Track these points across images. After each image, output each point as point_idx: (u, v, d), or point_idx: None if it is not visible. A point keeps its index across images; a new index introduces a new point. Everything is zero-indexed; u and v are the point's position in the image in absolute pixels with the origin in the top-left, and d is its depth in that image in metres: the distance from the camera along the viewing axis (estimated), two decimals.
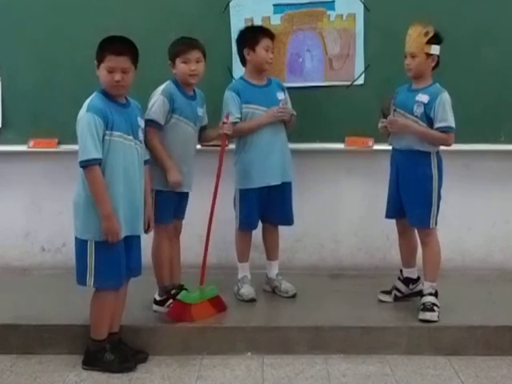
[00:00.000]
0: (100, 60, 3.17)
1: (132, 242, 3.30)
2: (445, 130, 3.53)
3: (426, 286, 3.66)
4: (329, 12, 4.12)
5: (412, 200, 3.62)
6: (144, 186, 3.36)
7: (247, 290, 3.87)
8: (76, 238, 3.21)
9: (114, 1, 4.17)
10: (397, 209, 3.71)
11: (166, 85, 3.59)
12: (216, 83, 3.92)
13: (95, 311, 3.28)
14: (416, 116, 3.58)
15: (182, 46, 3.56)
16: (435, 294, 3.63)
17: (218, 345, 3.47)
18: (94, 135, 3.11)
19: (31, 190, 4.12)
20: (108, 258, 3.18)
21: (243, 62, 3.88)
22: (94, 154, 3.11)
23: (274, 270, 4.00)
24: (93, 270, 3.18)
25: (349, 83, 4.17)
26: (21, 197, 4.40)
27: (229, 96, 3.81)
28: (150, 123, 3.50)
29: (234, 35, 4.08)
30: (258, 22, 4.11)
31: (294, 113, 3.92)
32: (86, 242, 3.17)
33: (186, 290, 3.73)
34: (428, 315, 3.54)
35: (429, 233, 3.64)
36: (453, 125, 3.55)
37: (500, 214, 4.40)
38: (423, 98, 3.57)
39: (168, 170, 3.53)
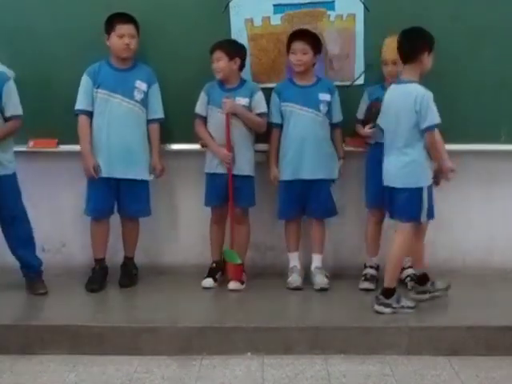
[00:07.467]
0: (111, 29, 3.87)
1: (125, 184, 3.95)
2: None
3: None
4: (329, 12, 4.11)
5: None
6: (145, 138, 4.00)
7: (293, 279, 4.00)
8: None
9: (113, 2, 4.16)
10: (381, 198, 3.77)
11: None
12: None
13: None
14: None
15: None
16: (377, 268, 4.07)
17: (218, 345, 3.46)
18: (83, 91, 3.92)
19: (31, 190, 4.11)
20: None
21: None
22: (80, 106, 3.92)
23: (313, 263, 4.09)
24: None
25: (349, 83, 4.17)
26: None
27: (271, 97, 4.05)
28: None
29: (234, 35, 4.09)
30: (257, 22, 4.11)
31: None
32: None
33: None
34: (365, 284, 3.99)
35: None
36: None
37: (500, 214, 4.40)
38: None
39: None
